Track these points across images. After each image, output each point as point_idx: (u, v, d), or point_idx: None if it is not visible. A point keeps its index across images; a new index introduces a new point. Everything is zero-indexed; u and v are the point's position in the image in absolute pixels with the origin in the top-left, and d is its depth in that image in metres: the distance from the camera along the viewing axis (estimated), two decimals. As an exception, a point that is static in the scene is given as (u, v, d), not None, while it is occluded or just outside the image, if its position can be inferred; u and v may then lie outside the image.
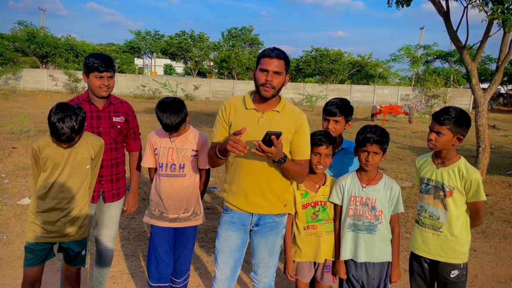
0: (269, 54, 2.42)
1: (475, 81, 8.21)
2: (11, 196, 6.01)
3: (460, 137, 2.54)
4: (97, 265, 3.28)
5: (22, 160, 8.06)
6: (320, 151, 2.67)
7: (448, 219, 2.59)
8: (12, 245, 4.39)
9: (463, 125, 2.52)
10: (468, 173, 2.54)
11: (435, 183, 2.64)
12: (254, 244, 2.66)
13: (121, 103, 3.13)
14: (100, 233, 3.19)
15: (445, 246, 2.61)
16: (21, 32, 36.12)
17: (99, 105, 3.01)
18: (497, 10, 7.31)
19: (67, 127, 2.47)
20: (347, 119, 2.92)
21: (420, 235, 2.69)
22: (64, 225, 2.69)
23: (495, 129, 19.27)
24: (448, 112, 2.53)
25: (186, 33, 38.62)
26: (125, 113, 3.11)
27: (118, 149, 3.11)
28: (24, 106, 19.33)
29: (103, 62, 2.89)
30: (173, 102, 2.80)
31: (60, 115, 2.46)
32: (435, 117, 2.57)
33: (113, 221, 3.19)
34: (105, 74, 2.91)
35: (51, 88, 31.21)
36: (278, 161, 2.32)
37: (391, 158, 10.41)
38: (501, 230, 5.59)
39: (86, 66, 2.93)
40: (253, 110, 2.52)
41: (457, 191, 2.57)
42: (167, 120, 2.76)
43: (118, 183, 3.13)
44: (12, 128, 10.52)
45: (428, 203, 2.67)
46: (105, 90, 2.95)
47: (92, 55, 2.94)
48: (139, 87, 32.26)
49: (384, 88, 34.85)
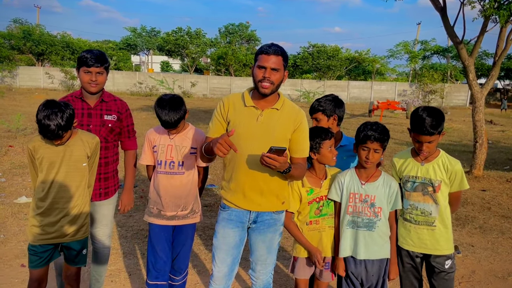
0: (267, 50, 2.39)
1: (472, 76, 8.22)
2: (8, 194, 5.99)
3: (442, 133, 2.57)
4: (93, 263, 3.27)
5: (18, 158, 8.03)
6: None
7: (439, 212, 2.65)
8: (9, 244, 4.38)
9: (441, 123, 2.53)
10: (452, 165, 2.62)
11: (422, 179, 2.66)
12: (252, 241, 2.66)
13: (114, 101, 3.09)
14: (95, 231, 3.16)
15: (440, 238, 2.65)
16: (17, 30, 35.95)
17: (91, 102, 2.98)
18: (491, 7, 7.32)
19: (54, 124, 2.44)
20: (328, 114, 2.95)
21: (415, 233, 2.69)
22: (64, 225, 2.67)
23: (492, 124, 19.33)
24: (430, 122, 2.49)
25: (182, 30, 38.51)
26: (118, 111, 3.06)
27: (109, 148, 3.06)
28: (21, 104, 19.27)
29: (93, 56, 2.86)
30: (172, 99, 2.79)
31: (46, 112, 2.44)
32: (423, 132, 2.51)
33: (106, 219, 3.16)
34: (93, 69, 2.86)
35: (47, 86, 31.11)
36: (283, 172, 2.31)
37: (389, 154, 10.42)
38: (499, 226, 5.60)
39: (77, 61, 2.93)
40: (252, 108, 2.50)
41: (444, 184, 2.63)
42: (166, 117, 2.74)
43: (106, 182, 3.08)
44: (9, 126, 10.48)
45: (418, 200, 2.68)
46: (93, 86, 2.90)
47: (85, 51, 2.93)
48: (136, 84, 32.21)
49: (381, 84, 34.89)
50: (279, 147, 2.15)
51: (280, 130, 2.49)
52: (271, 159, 2.14)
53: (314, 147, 2.67)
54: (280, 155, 2.16)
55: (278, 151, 2.15)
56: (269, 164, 2.17)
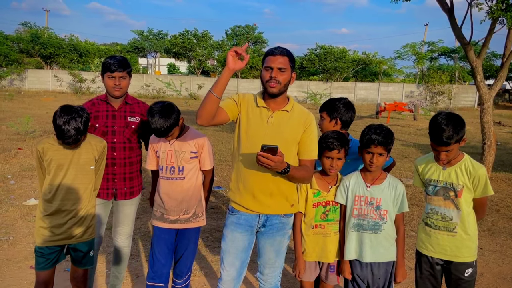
0: (273, 52, 2.44)
1: (480, 77, 8.16)
2: (17, 197, 6.05)
3: (464, 139, 2.51)
4: (113, 262, 3.35)
5: (27, 160, 8.10)
6: (332, 155, 2.65)
7: (461, 219, 2.57)
8: (19, 245, 4.42)
9: (460, 132, 2.46)
10: (475, 170, 2.54)
11: (444, 183, 2.61)
12: (261, 245, 2.66)
13: (137, 104, 3.20)
14: (116, 230, 3.26)
15: (460, 245, 2.59)
16: (25, 33, 36.29)
17: (115, 105, 3.09)
18: (499, 9, 7.27)
19: (73, 129, 2.51)
20: (331, 115, 2.98)
21: (435, 238, 2.65)
22: (71, 226, 2.71)
23: (501, 125, 19.16)
24: (447, 133, 2.43)
25: (189, 32, 38.62)
26: (141, 113, 3.16)
27: (133, 148, 3.14)
28: (29, 106, 19.42)
29: (116, 62, 2.98)
30: (162, 107, 2.77)
31: (65, 118, 2.50)
32: (439, 143, 2.47)
33: (128, 219, 3.24)
34: (117, 74, 2.99)
35: (55, 89, 31.35)
36: (281, 172, 2.32)
37: (396, 155, 10.38)
38: (507, 228, 5.56)
39: (101, 67, 3.05)
40: (264, 109, 2.52)
41: (466, 189, 2.56)
42: (155, 125, 2.73)
43: (131, 182, 3.16)
44: (18, 129, 10.57)
45: (439, 205, 2.63)
46: (117, 90, 3.02)
47: (108, 57, 3.05)
48: (143, 86, 32.33)
49: (388, 85, 34.72)
50: (270, 145, 2.16)
51: (289, 132, 2.50)
52: (265, 158, 2.16)
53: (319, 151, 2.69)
54: (274, 154, 2.16)
55: (271, 150, 2.15)
56: (264, 163, 2.18)
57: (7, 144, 9.42)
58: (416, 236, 2.79)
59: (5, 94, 24.84)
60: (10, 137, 10.30)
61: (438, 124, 2.46)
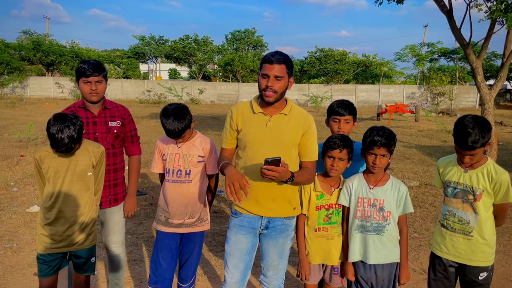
0: (270, 59, 2.42)
1: (481, 78, 8.17)
2: (20, 204, 6.06)
3: (489, 143, 2.46)
4: (110, 270, 3.33)
5: (30, 168, 8.12)
6: (334, 155, 2.65)
7: (478, 223, 2.53)
8: (22, 252, 4.43)
9: (486, 136, 2.39)
10: (497, 175, 2.48)
11: (464, 186, 2.56)
12: (264, 247, 2.67)
13: (116, 107, 3.14)
14: (108, 239, 3.21)
15: (476, 250, 2.56)
16: (27, 41, 36.45)
17: (94, 110, 3.02)
18: (498, 9, 7.28)
19: (67, 137, 2.48)
20: (354, 119, 2.96)
21: (450, 240, 2.62)
22: (72, 234, 2.71)
23: (503, 125, 19.14)
24: (473, 137, 2.36)
25: (190, 37, 38.76)
26: (121, 117, 3.12)
27: (117, 154, 3.11)
28: (31, 114, 19.50)
29: (90, 66, 2.89)
30: (176, 109, 2.80)
31: (58, 126, 2.47)
32: (464, 147, 2.40)
33: (118, 226, 3.20)
34: (92, 79, 2.90)
35: (57, 96, 31.47)
36: (286, 181, 2.34)
37: (398, 157, 10.37)
38: (511, 228, 5.54)
39: (76, 72, 2.96)
40: (261, 114, 2.53)
41: (486, 193, 2.51)
42: (170, 126, 2.76)
43: (116, 188, 3.13)
44: (20, 136, 10.61)
45: (457, 208, 2.60)
46: (94, 95, 2.94)
47: (82, 62, 2.97)
48: (144, 92, 32.41)
49: (389, 87, 34.71)
50: (273, 158, 2.19)
51: (289, 134, 2.51)
52: (269, 170, 2.18)
53: (323, 152, 2.70)
54: (277, 165, 2.18)
55: (274, 162, 2.18)
56: (269, 176, 2.20)
57: (9, 152, 9.45)
58: (419, 238, 2.79)
59: (7, 102, 24.94)
60: (13, 144, 10.33)
61: (464, 128, 2.38)
